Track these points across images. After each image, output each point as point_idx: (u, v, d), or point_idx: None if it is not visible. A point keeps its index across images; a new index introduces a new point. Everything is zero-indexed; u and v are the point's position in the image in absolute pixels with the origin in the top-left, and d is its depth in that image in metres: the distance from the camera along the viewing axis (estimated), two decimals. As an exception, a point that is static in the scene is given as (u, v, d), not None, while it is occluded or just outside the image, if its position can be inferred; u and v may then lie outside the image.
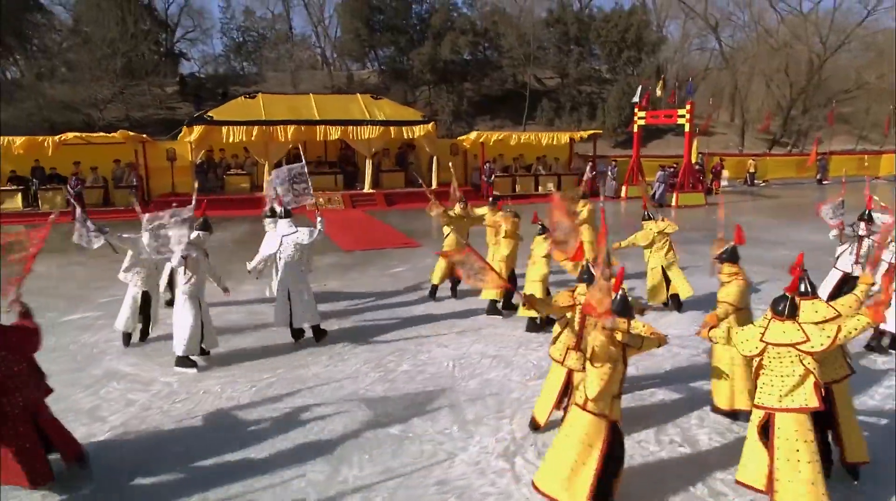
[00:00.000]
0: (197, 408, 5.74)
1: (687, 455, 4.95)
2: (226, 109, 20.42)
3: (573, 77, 43.00)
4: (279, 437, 5.15)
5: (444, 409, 5.68)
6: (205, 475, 4.64)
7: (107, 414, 5.62)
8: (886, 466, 4.69)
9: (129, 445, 5.10)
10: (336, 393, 6.03)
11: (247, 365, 6.75)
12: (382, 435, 5.21)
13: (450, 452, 4.93)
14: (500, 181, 22.56)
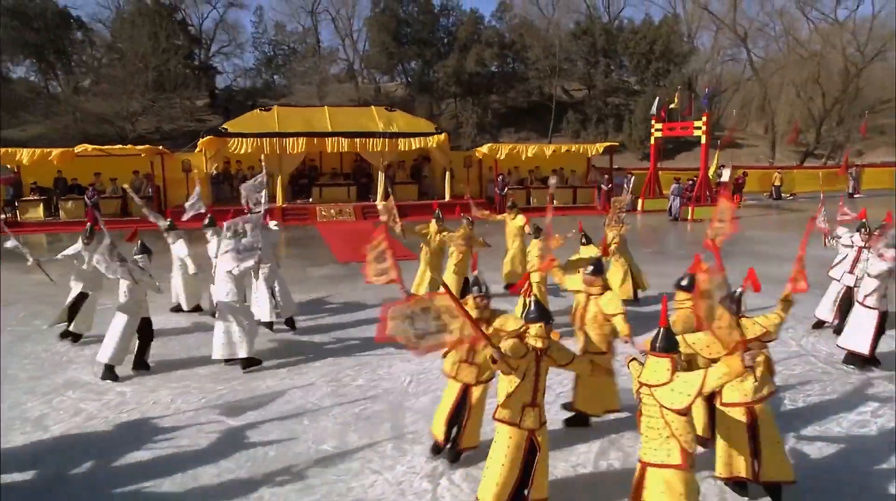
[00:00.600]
0: (141, 419, 5.75)
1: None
2: (241, 121, 20.77)
3: (600, 89, 42.62)
4: (208, 449, 5.13)
5: (386, 425, 5.58)
6: (116, 482, 4.63)
7: (51, 423, 5.66)
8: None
9: (56, 455, 5.12)
10: (282, 407, 5.98)
11: (206, 377, 6.76)
12: (314, 451, 5.13)
13: (376, 470, 4.82)
14: (513, 193, 22.36)
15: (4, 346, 7.77)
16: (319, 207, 20.35)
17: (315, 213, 20.09)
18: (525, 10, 46.54)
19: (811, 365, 7.11)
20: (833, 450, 5.18)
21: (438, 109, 43.35)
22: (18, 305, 9.60)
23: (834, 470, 4.89)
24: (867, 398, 6.16)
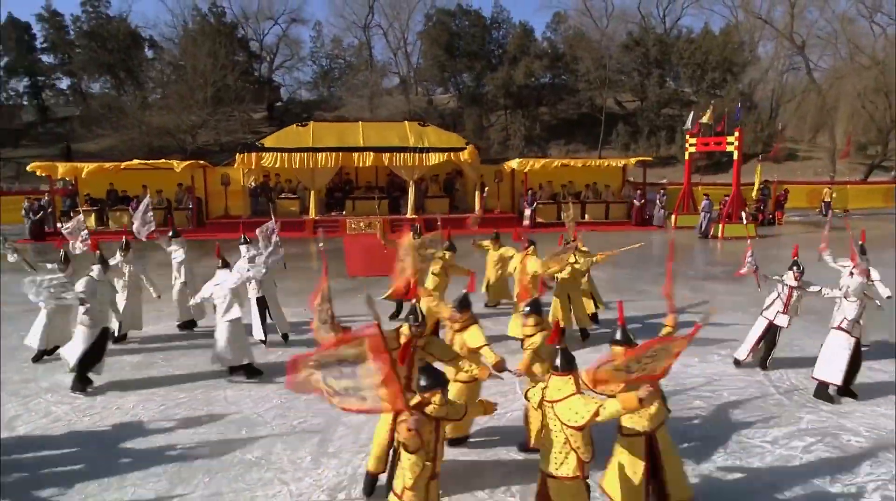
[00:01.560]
0: (99, 423, 6.28)
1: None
2: (278, 136, 21.68)
3: (652, 100, 41.87)
4: (142, 454, 5.57)
5: (315, 438, 5.89)
6: (58, 481, 5.11)
7: (19, 424, 6.26)
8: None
9: (14, 449, 5.67)
10: (229, 416, 6.38)
11: (175, 385, 7.26)
12: (237, 459, 5.49)
13: (285, 481, 5.13)
14: (545, 208, 22.43)
15: (9, 348, 8.56)
16: (350, 219, 20.96)
17: (346, 225, 20.71)
18: (579, 21, 46.39)
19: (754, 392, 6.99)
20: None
21: (488, 121, 43.67)
22: (37, 311, 10.40)
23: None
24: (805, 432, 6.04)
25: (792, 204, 25.51)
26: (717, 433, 6.02)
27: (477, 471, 5.29)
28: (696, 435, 5.98)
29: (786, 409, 6.62)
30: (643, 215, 21.98)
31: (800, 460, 5.53)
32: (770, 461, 5.52)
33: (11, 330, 9.66)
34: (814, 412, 6.53)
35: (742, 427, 6.17)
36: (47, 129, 39.98)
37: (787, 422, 6.29)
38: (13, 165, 35.14)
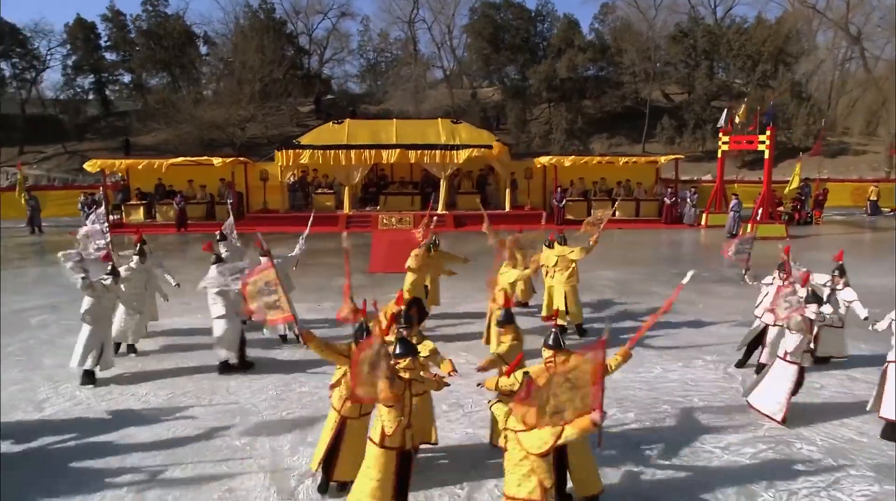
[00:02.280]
0: (113, 407, 7.05)
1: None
2: (315, 133, 22.49)
3: (700, 93, 41.00)
4: (147, 435, 6.29)
5: (296, 430, 6.47)
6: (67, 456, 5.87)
7: (48, 406, 7.10)
8: None
9: (35, 433, 6.48)
10: (227, 405, 7.06)
11: (185, 375, 8.02)
12: (226, 444, 6.13)
13: (262, 466, 5.73)
14: (574, 205, 22.57)
15: (50, 336, 9.52)
16: (382, 215, 21.62)
17: (377, 221, 21.38)
18: (627, 12, 45.73)
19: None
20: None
21: (531, 115, 43.64)
22: (80, 301, 11.39)
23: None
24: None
25: (835, 202, 24.89)
26: (672, 438, 6.33)
27: (448, 466, 5.78)
28: (651, 438, 6.31)
29: (750, 417, 6.84)
30: (674, 214, 21.87)
31: (744, 465, 5.81)
32: (715, 465, 5.82)
33: (55, 319, 10.68)
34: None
35: (700, 433, 6.46)
36: (109, 123, 42.11)
37: (746, 429, 6.54)
38: (78, 157, 37.31)
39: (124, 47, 41.71)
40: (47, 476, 5.56)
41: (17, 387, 7.62)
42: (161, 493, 5.31)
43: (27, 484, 5.41)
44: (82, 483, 5.42)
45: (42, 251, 17.73)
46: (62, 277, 13.42)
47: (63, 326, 10.12)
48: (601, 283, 13.35)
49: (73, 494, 5.25)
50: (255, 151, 37.43)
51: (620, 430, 6.52)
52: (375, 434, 4.55)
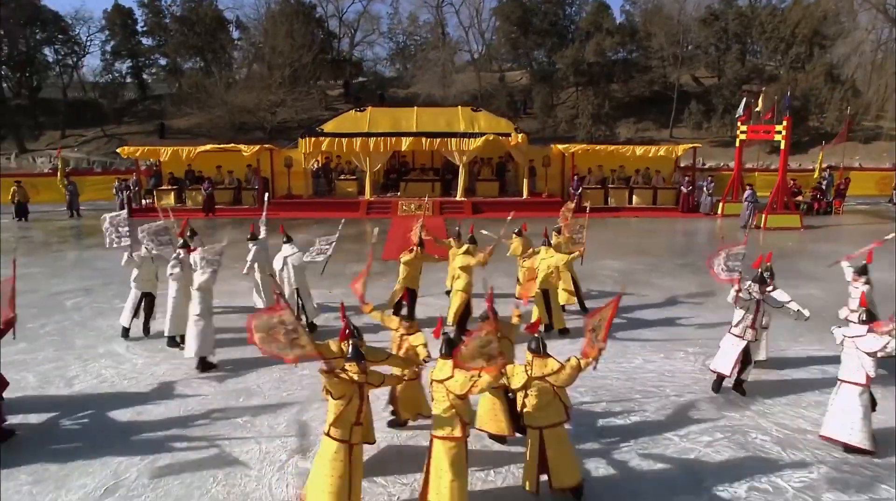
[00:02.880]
0: (133, 386, 7.84)
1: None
2: (338, 121, 23.10)
3: (730, 77, 40.40)
4: (160, 412, 7.05)
5: (295, 408, 7.17)
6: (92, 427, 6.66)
7: (77, 383, 7.93)
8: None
9: (64, 406, 7.29)
10: (235, 386, 7.79)
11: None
12: (229, 421, 6.85)
13: (259, 441, 6.43)
14: (592, 193, 22.81)
15: (83, 318, 10.41)
16: (401, 201, 22.21)
17: (397, 207, 21.99)
18: (658, -5, 45.05)
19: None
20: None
21: (558, 99, 43.56)
22: (113, 285, 12.33)
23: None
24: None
25: (860, 191, 24.64)
26: (637, 425, 6.84)
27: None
28: (615, 424, 6.84)
29: (716, 407, 7.30)
30: (690, 202, 21.98)
31: (697, 452, 6.30)
32: (670, 451, 6.32)
33: (88, 301, 11.57)
34: (739, 411, 7.19)
35: (664, 421, 6.96)
36: (145, 106, 43.38)
37: (708, 419, 7.01)
38: (116, 141, 38.69)
39: (159, 33, 42.83)
40: (73, 444, 6.35)
41: (51, 365, 8.47)
42: (170, 462, 6.05)
43: (55, 451, 6.21)
44: (103, 451, 6.20)
45: (79, 235, 18.80)
46: (97, 261, 14.50)
47: (95, 308, 11.01)
48: (604, 273, 13.74)
49: (94, 459, 6.03)
50: (285, 135, 38.28)
51: (588, 416, 7.05)
52: (326, 427, 5.11)
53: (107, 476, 5.79)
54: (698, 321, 10.40)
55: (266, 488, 5.65)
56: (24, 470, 5.86)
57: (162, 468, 5.94)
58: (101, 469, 5.90)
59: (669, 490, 5.65)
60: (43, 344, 9.18)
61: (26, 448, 6.28)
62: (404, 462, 6.01)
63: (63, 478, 5.74)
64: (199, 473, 5.85)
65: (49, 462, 6.00)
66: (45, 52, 42.15)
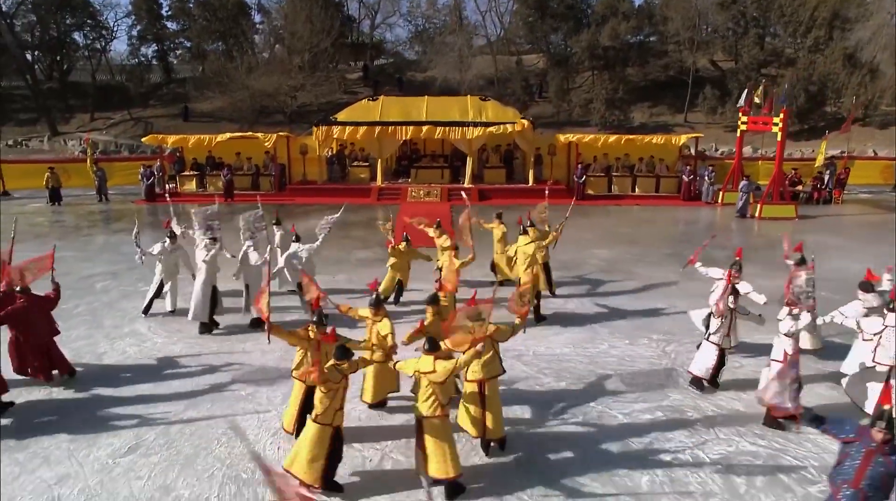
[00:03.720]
0: (152, 362, 8.96)
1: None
2: (351, 110, 23.97)
3: (746, 61, 40.34)
4: (174, 385, 8.15)
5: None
6: (116, 397, 7.78)
7: (104, 358, 9.08)
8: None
9: (94, 379, 8.44)
10: (242, 362, 8.86)
11: (214, 335, 9.89)
12: (234, 394, 7.94)
13: (258, 411, 7.51)
14: (595, 181, 23.50)
15: (110, 300, 11.58)
16: (411, 187, 23.12)
17: (407, 193, 22.91)
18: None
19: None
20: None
21: (573, 83, 43.85)
22: (137, 270, 13.46)
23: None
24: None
25: (864, 180, 24.92)
26: (588, 403, 7.77)
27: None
28: (569, 403, 7.77)
29: (665, 390, 8.19)
30: (692, 191, 22.54)
31: (636, 427, 7.22)
32: (612, 425, 7.26)
33: (115, 285, 12.74)
34: (683, 393, 8.08)
35: (615, 400, 7.87)
36: (170, 90, 44.65)
37: (655, 400, 7.91)
38: (142, 124, 40.09)
39: (183, 17, 43.93)
40: (102, 410, 7.49)
41: (83, 342, 9.64)
42: (182, 427, 7.15)
43: (87, 416, 7.35)
44: (126, 416, 7.34)
45: (108, 220, 20.07)
46: (123, 246, 15.69)
47: (121, 291, 12.18)
48: (592, 261, 14.55)
49: (119, 422, 7.17)
50: (304, 119, 39.24)
51: (549, 394, 7.99)
52: (314, 413, 5.97)
53: (129, 436, 6.92)
54: (668, 310, 11.19)
55: (261, 450, 6.72)
56: (62, 431, 7.01)
57: (175, 431, 7.05)
58: (124, 431, 7.03)
59: (606, 458, 6.58)
60: (76, 323, 10.35)
61: (64, 413, 7.43)
62: (378, 432, 7.04)
63: (94, 438, 6.88)
64: (206, 436, 6.94)
65: (82, 425, 7.14)
66: (75, 37, 43.66)
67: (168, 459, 6.52)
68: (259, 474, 5.94)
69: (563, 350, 9.36)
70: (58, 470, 6.29)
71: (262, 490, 5.96)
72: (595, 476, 6.23)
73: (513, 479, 6.22)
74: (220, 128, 38.96)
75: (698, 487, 6.11)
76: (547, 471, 6.35)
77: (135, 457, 6.55)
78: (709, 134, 37.53)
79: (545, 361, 8.96)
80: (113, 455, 6.56)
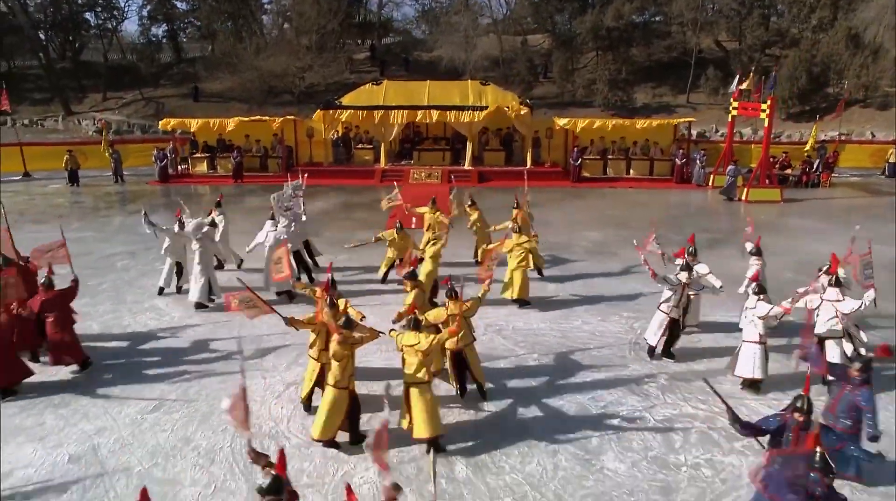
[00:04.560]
0: (170, 334, 10.04)
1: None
2: (355, 94, 24.78)
3: (749, 42, 40.60)
4: (189, 350, 9.24)
5: (294, 351, 9.25)
6: (141, 364, 8.87)
7: (129, 329, 10.18)
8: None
9: (124, 346, 9.53)
10: (251, 334, 9.90)
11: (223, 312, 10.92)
12: (240, 360, 8.97)
13: (264, 376, 8.58)
14: (591, 163, 24.30)
15: (130, 278, 12.67)
16: (413, 169, 24.02)
17: (409, 175, 23.81)
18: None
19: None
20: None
21: (577, 63, 44.25)
22: (153, 250, 14.52)
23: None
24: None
25: (854, 163, 25.55)
26: (556, 372, 8.77)
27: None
28: (537, 370, 8.78)
29: (627, 360, 9.18)
30: (684, 174, 23.27)
31: (593, 392, 8.22)
32: (574, 392, 8.25)
33: (134, 264, 13.82)
34: (642, 364, 9.05)
35: (580, 370, 8.87)
36: (180, 69, 45.42)
37: (616, 370, 8.90)
38: (153, 104, 40.99)
39: (192, -2, 44.62)
40: (129, 375, 8.60)
41: (110, 316, 10.73)
42: (198, 389, 8.25)
43: (117, 379, 8.46)
44: (150, 380, 8.46)
45: (123, 201, 21.13)
46: (139, 227, 16.64)
47: (140, 269, 13.27)
48: (581, 243, 15.45)
49: (144, 385, 8.29)
50: (313, 99, 39.94)
51: (521, 365, 9.00)
52: (331, 379, 7.00)
53: (154, 397, 8.03)
54: (643, 290, 12.06)
55: (267, 409, 7.81)
56: (97, 392, 8.12)
57: (193, 392, 8.14)
58: (149, 392, 8.14)
59: (565, 419, 7.61)
60: (102, 299, 11.44)
61: (97, 378, 8.54)
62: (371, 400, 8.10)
63: (124, 398, 7.98)
64: (220, 396, 8.00)
65: (112, 387, 8.25)
66: (87, 18, 44.45)
67: (188, 415, 7.61)
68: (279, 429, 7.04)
69: (539, 326, 10.35)
70: (96, 424, 7.40)
71: (269, 441, 7.03)
72: (554, 435, 7.25)
73: (484, 434, 7.27)
74: (230, 108, 39.97)
75: (640, 444, 7.12)
76: (513, 428, 7.39)
77: (159, 414, 7.65)
78: (710, 115, 37.96)
79: (522, 335, 9.97)
80: (141, 412, 7.66)
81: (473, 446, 7.06)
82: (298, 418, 7.62)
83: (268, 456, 4.79)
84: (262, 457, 4.77)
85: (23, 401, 7.90)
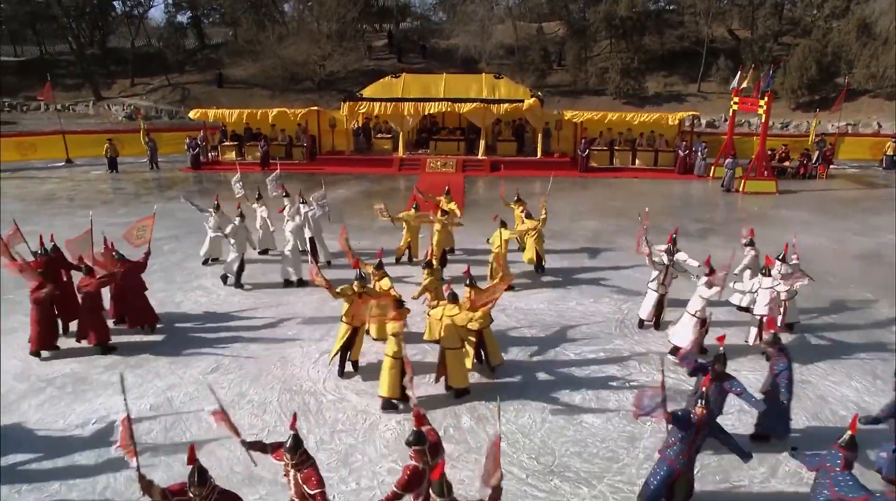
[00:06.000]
0: (220, 309, 11.61)
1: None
2: (375, 87, 26.09)
3: (761, 31, 41.27)
4: (233, 324, 10.81)
5: (327, 325, 10.76)
6: (191, 336, 10.45)
7: (182, 306, 11.77)
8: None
9: (173, 320, 11.12)
10: (282, 309, 11.45)
11: (263, 289, 12.50)
12: (275, 333, 10.55)
13: (293, 346, 10.11)
14: (598, 154, 25.52)
15: (177, 260, 14.26)
16: (429, 159, 25.40)
17: (425, 164, 25.21)
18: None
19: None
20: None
21: (591, 52, 45.10)
22: (194, 234, 16.09)
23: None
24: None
25: (854, 155, 26.50)
26: (550, 345, 10.22)
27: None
28: (532, 344, 10.23)
29: (613, 336, 10.60)
30: (686, 165, 24.42)
31: (582, 363, 9.67)
32: (564, 361, 9.72)
33: (179, 247, 15.39)
34: (626, 340, 10.48)
35: (571, 344, 10.32)
36: (204, 55, 46.91)
37: (602, 344, 10.33)
38: (179, 89, 42.55)
39: (217, -15, 45.94)
40: (188, 343, 10.20)
41: (162, 294, 12.30)
42: (248, 355, 9.83)
43: (176, 346, 10.06)
44: (206, 347, 10.07)
45: (161, 187, 22.73)
46: (178, 212, 18.33)
47: (184, 252, 14.84)
48: (579, 232, 16.79)
49: (201, 351, 9.91)
50: (333, 86, 41.36)
51: (520, 339, 10.46)
52: (389, 351, 8.34)
53: (211, 360, 9.63)
54: (633, 274, 13.41)
55: (306, 372, 9.36)
56: (164, 357, 9.73)
57: (243, 357, 9.73)
58: (206, 358, 9.73)
59: (554, 382, 9.09)
60: (155, 279, 12.96)
61: (164, 345, 10.15)
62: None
63: (186, 362, 9.59)
64: (266, 361, 9.60)
65: (177, 353, 9.85)
66: (115, 5, 46.00)
67: (240, 376, 9.19)
68: (307, 386, 8.61)
69: (538, 306, 11.80)
70: (166, 381, 9.01)
71: (309, 397, 8.59)
72: (544, 395, 8.73)
73: (486, 394, 8.73)
74: (253, 94, 41.47)
75: (616, 403, 8.59)
76: (511, 389, 8.88)
77: (217, 375, 9.23)
78: (721, 105, 38.71)
79: (523, 313, 11.43)
80: (202, 373, 9.25)
81: (477, 403, 8.56)
82: (332, 379, 9.14)
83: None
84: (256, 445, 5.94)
85: (107, 360, 9.53)
